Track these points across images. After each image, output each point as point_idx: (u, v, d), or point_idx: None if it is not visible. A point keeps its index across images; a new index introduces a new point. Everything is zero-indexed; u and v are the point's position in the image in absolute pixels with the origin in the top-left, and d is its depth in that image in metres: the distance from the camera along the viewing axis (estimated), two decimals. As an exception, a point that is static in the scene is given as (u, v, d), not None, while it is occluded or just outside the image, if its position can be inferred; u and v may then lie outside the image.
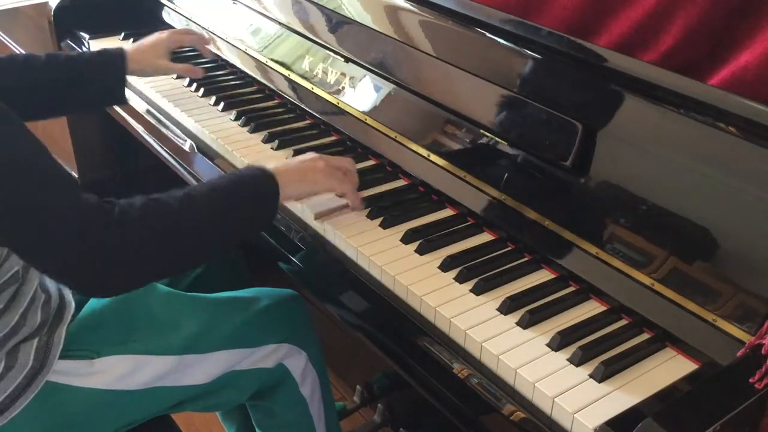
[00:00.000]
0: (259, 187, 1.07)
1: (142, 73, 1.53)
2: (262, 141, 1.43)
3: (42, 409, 1.04)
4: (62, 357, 1.06)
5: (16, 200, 0.87)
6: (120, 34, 1.90)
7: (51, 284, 1.11)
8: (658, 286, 0.96)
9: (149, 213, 0.94)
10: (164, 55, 1.53)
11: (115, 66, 1.44)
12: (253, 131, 1.46)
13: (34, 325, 1.05)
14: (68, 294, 1.13)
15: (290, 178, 1.10)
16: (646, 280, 0.97)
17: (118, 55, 1.45)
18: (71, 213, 0.89)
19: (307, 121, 1.52)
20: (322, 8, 1.51)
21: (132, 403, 1.11)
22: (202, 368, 1.16)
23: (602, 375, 0.89)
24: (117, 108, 1.68)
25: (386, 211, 1.20)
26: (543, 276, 1.08)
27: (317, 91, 1.48)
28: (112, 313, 1.13)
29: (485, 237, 1.16)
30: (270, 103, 1.60)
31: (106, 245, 0.90)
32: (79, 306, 1.14)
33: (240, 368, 1.20)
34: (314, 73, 1.50)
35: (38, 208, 0.88)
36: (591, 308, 1.02)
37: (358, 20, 1.44)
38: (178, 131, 1.53)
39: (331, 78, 1.46)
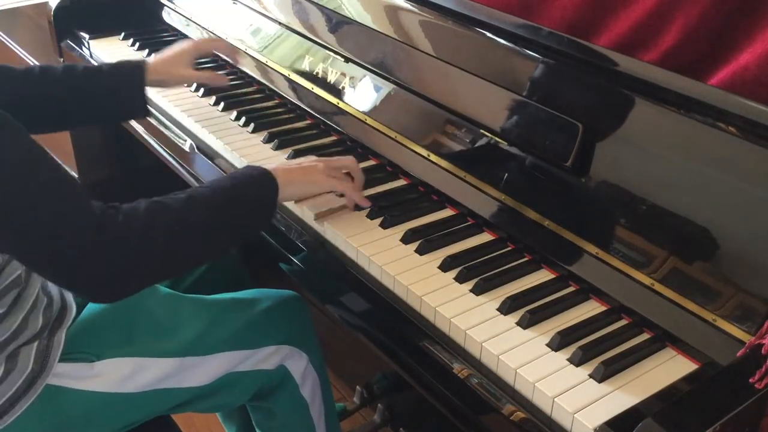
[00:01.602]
0: (260, 187, 1.08)
1: (163, 84, 1.44)
2: (262, 141, 1.43)
3: (41, 412, 1.03)
4: (62, 360, 1.05)
5: (20, 206, 0.87)
6: (120, 34, 1.90)
7: (53, 287, 1.10)
8: (658, 286, 0.96)
9: (154, 216, 0.95)
10: (188, 64, 1.44)
11: (133, 77, 1.36)
12: (253, 131, 1.46)
13: (36, 328, 1.04)
14: (70, 297, 1.13)
15: (289, 178, 1.11)
16: (646, 280, 0.97)
17: (137, 66, 1.38)
18: (77, 219, 0.89)
19: (307, 121, 1.52)
20: (322, 8, 1.51)
21: (132, 406, 1.11)
22: (203, 370, 1.16)
23: (602, 375, 0.89)
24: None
25: (386, 211, 1.20)
26: (543, 276, 1.08)
27: (317, 91, 1.48)
28: (112, 315, 1.13)
29: (485, 237, 1.16)
30: (270, 103, 1.60)
31: (112, 250, 0.91)
32: (80, 309, 1.14)
33: (240, 370, 1.20)
34: (314, 73, 1.50)
35: (43, 214, 0.87)
36: (591, 308, 1.02)
37: (358, 20, 1.44)
38: (178, 131, 1.53)
39: (331, 78, 1.46)
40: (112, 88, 1.35)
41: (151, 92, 1.63)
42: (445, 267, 1.08)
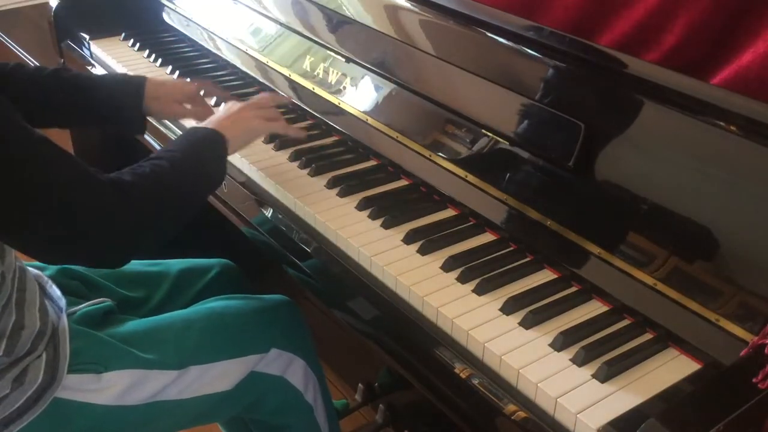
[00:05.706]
0: (217, 145, 1.17)
1: (155, 115, 1.42)
2: (262, 142, 1.43)
3: (46, 425, 1.03)
4: (71, 371, 1.05)
5: (26, 183, 0.90)
6: (120, 34, 1.90)
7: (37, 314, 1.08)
8: (660, 286, 0.96)
9: (148, 182, 1.02)
10: (180, 102, 1.40)
11: (135, 98, 1.33)
12: (254, 131, 1.46)
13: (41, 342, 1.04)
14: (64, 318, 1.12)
15: (233, 134, 1.20)
16: (649, 280, 0.97)
17: (138, 86, 1.34)
18: (94, 186, 0.95)
19: (308, 122, 1.52)
20: (322, 8, 1.51)
21: (136, 419, 1.11)
22: (201, 382, 1.16)
23: (605, 375, 0.89)
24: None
25: (388, 211, 1.20)
26: (545, 276, 1.08)
27: (318, 91, 1.48)
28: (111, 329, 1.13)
29: (487, 237, 1.16)
30: (271, 104, 1.60)
31: (118, 216, 0.97)
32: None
33: (239, 379, 1.20)
34: (315, 73, 1.50)
35: (50, 191, 0.91)
36: (593, 308, 1.02)
37: (358, 20, 1.43)
38: (178, 131, 1.53)
39: (332, 78, 1.46)
40: (113, 107, 1.34)
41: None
42: (447, 267, 1.08)
